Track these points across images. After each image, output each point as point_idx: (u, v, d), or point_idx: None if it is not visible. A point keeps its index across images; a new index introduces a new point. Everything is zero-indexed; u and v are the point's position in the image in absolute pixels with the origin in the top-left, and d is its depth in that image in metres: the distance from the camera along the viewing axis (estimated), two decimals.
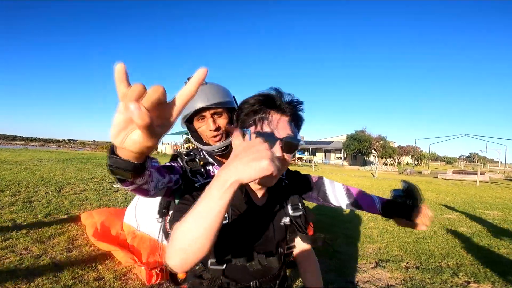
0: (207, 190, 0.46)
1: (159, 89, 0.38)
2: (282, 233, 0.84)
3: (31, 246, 2.94)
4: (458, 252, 3.45)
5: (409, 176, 20.33)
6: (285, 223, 0.84)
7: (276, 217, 0.83)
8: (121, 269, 2.60)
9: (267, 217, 0.81)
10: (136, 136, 0.41)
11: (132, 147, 0.42)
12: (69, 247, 3.00)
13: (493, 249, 3.59)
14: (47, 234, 3.30)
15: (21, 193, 5.34)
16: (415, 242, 3.82)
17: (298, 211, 0.86)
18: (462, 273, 2.78)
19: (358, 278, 2.69)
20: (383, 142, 35.91)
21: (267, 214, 0.81)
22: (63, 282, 2.28)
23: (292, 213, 0.85)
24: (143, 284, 2.37)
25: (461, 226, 4.83)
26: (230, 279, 0.79)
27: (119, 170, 0.50)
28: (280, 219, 0.84)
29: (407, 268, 2.96)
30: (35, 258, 2.66)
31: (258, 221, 0.80)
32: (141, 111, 0.36)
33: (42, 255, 2.76)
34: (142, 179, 0.60)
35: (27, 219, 3.81)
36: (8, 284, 2.17)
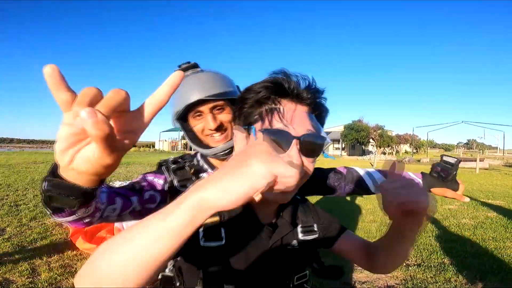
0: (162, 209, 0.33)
1: (120, 92, 0.31)
2: (291, 260, 0.66)
3: (11, 251, 2.82)
4: (461, 246, 3.32)
5: (408, 164, 20.27)
6: (294, 247, 0.66)
7: (285, 240, 0.65)
8: None
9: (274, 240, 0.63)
10: (89, 152, 0.32)
11: (83, 167, 0.33)
12: (50, 251, 2.88)
13: (499, 242, 3.45)
14: (29, 239, 3.18)
15: (9, 196, 5.21)
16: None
17: (310, 234, 0.69)
18: (467, 271, 2.64)
19: (355, 278, 2.55)
20: (381, 131, 35.87)
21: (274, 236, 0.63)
22: None
23: (302, 237, 0.67)
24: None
25: (463, 217, 4.71)
26: None
27: (61, 197, 0.39)
28: (289, 242, 0.66)
29: (408, 266, 2.81)
30: (13, 263, 2.55)
31: (262, 244, 0.62)
32: (98, 119, 0.27)
33: (21, 260, 2.64)
34: (87, 210, 0.47)
35: (11, 223, 3.67)
36: None
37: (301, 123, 0.52)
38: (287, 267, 0.66)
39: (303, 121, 0.53)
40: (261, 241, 0.62)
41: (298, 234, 0.67)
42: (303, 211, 0.71)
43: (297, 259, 0.67)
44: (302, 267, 0.70)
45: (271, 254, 0.62)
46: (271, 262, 0.63)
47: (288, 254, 0.65)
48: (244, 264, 0.61)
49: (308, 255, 0.70)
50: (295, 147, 0.51)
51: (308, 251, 0.69)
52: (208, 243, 0.58)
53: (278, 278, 0.66)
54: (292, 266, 0.67)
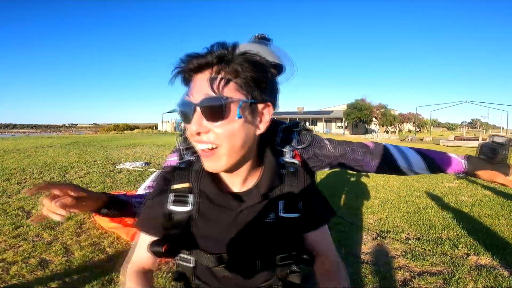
0: None
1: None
2: (268, 233, 0.64)
3: (42, 232, 3.02)
4: (458, 222, 3.52)
5: (410, 143, 20.35)
6: (271, 221, 0.63)
7: (258, 212, 0.63)
8: (129, 249, 2.68)
9: (243, 210, 0.63)
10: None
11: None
12: (78, 231, 3.08)
13: (494, 219, 3.63)
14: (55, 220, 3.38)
15: (27, 180, 5.42)
16: (416, 213, 3.90)
17: (292, 212, 0.65)
18: (462, 245, 2.84)
19: (359, 249, 2.78)
20: (383, 110, 35.62)
21: (244, 206, 0.63)
22: (76, 266, 2.37)
23: (283, 213, 0.64)
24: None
25: (462, 195, 4.89)
26: (201, 281, 0.67)
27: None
28: (264, 215, 0.64)
29: (408, 239, 3.04)
30: (47, 244, 2.75)
31: (229, 213, 0.63)
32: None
33: (53, 240, 2.85)
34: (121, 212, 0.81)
35: (35, 206, 3.89)
36: (24, 272, 2.26)
37: (199, 90, 0.54)
38: (264, 241, 0.64)
39: (201, 88, 0.54)
40: (225, 210, 0.62)
41: (279, 210, 0.64)
42: (292, 184, 0.66)
43: (276, 236, 0.64)
44: (285, 247, 0.66)
45: (240, 224, 0.62)
46: (241, 232, 0.63)
47: (264, 228, 0.63)
48: (212, 230, 0.63)
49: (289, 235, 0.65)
50: (197, 112, 0.54)
51: (289, 230, 0.64)
52: (175, 207, 0.63)
53: (255, 252, 0.64)
54: (270, 243, 0.64)
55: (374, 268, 2.45)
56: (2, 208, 3.75)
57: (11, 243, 2.77)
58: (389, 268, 2.46)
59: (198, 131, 0.54)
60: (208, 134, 0.55)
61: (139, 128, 35.17)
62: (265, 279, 0.67)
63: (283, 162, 0.71)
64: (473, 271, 2.38)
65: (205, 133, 0.55)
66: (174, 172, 0.67)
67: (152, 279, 0.73)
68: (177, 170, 0.67)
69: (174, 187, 0.65)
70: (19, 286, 2.10)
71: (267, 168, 0.65)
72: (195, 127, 0.54)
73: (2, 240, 2.82)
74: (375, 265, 2.50)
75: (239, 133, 0.55)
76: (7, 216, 3.48)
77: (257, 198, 0.63)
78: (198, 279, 0.67)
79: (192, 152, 0.72)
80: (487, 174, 0.82)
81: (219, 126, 0.54)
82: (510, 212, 3.90)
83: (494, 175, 0.81)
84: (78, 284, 2.13)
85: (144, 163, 7.54)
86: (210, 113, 0.53)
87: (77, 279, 2.20)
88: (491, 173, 0.81)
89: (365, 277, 2.31)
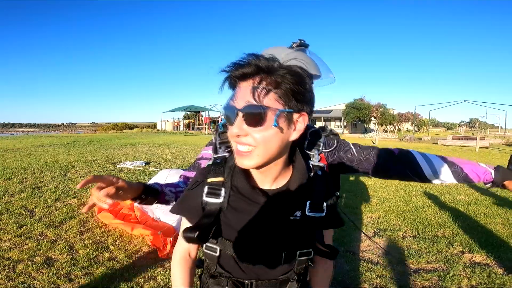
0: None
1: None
2: (291, 229, 0.69)
3: (46, 231, 3.08)
4: (454, 221, 3.59)
5: (409, 142, 20.44)
6: (297, 219, 0.69)
7: (286, 210, 0.69)
8: (132, 248, 2.75)
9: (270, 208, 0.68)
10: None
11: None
12: (81, 230, 3.14)
13: (489, 218, 3.70)
14: (59, 218, 3.44)
15: (28, 179, 5.46)
16: (413, 211, 3.97)
17: (317, 212, 0.69)
18: (457, 243, 2.91)
19: (357, 246, 2.84)
20: (382, 109, 35.66)
21: (271, 204, 0.68)
22: (81, 264, 2.42)
23: (309, 213, 0.69)
24: (154, 261, 2.52)
25: (459, 194, 4.97)
26: (224, 269, 0.74)
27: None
28: (291, 213, 0.69)
29: (404, 237, 3.11)
30: (51, 243, 2.81)
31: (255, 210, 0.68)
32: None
33: (58, 239, 2.90)
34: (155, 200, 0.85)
35: (38, 205, 3.94)
36: (30, 270, 2.31)
37: (242, 97, 0.59)
38: (287, 237, 0.70)
39: (244, 95, 0.59)
40: (254, 205, 0.67)
41: (306, 209, 0.69)
42: (319, 185, 0.71)
43: (300, 232, 0.70)
44: (306, 243, 0.72)
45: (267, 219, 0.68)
46: (268, 227, 0.68)
47: (289, 225, 0.69)
48: (239, 223, 0.68)
49: (312, 232, 0.71)
50: (239, 117, 0.60)
51: (313, 228, 0.70)
52: (208, 198, 0.69)
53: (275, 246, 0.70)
54: (294, 238, 0.70)
55: (371, 265, 2.51)
56: (5, 207, 3.80)
57: (16, 241, 2.82)
58: (386, 264, 2.52)
59: (238, 134, 0.60)
60: (247, 137, 0.60)
61: (138, 127, 35.14)
62: (284, 272, 0.73)
63: (311, 165, 0.75)
64: (468, 268, 2.45)
65: (244, 136, 0.60)
66: (210, 167, 0.73)
67: (193, 266, 0.82)
68: (213, 165, 0.73)
69: (209, 180, 0.70)
70: (25, 283, 2.15)
71: (297, 170, 0.70)
72: (236, 130, 0.60)
73: (7, 239, 2.87)
74: None
75: (274, 139, 0.61)
76: (11, 215, 3.53)
77: (286, 196, 0.68)
78: (221, 268, 0.73)
79: (225, 147, 0.79)
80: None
81: (257, 131, 0.59)
82: (506, 211, 3.96)
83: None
84: (83, 281, 2.19)
85: (144, 162, 7.58)
86: (250, 119, 0.59)
87: (82, 276, 2.25)
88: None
89: (363, 274, 2.37)
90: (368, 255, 2.70)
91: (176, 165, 7.51)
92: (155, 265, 2.45)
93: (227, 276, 0.74)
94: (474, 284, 2.23)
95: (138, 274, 2.32)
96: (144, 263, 2.50)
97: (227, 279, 0.74)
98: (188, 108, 33.66)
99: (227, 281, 0.74)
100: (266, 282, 0.73)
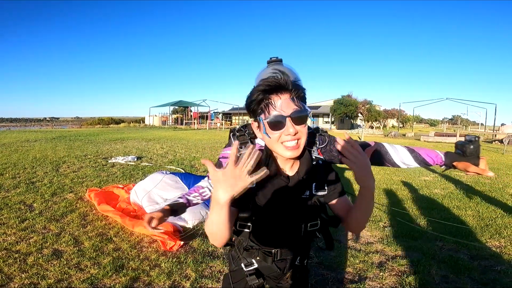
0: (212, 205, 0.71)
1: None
2: (304, 205, 0.90)
3: (49, 225, 3.20)
4: (429, 213, 3.93)
5: (393, 138, 21.13)
6: (307, 197, 0.91)
7: (299, 190, 0.90)
8: (134, 239, 2.93)
9: (290, 189, 0.88)
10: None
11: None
12: (83, 223, 3.29)
13: (461, 210, 4.05)
14: (59, 212, 3.56)
15: (21, 175, 5.48)
16: (393, 204, 4.30)
17: (321, 190, 0.93)
18: (430, 232, 3.24)
19: (343, 236, 3.13)
20: (369, 106, 36.51)
21: (291, 186, 0.88)
22: (88, 255, 2.59)
23: (315, 192, 0.92)
24: (156, 250, 2.71)
25: (435, 188, 5.35)
26: (255, 243, 0.93)
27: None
28: (303, 192, 0.90)
29: (384, 227, 3.42)
30: (56, 236, 2.95)
31: (280, 191, 0.88)
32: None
33: (62, 232, 3.05)
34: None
35: (36, 199, 4.03)
36: (41, 262, 2.46)
37: (287, 106, 0.80)
38: (301, 211, 0.91)
39: (288, 104, 0.81)
40: (280, 187, 0.88)
41: (312, 189, 0.91)
42: (320, 172, 0.94)
43: (309, 208, 0.91)
44: (314, 216, 0.94)
45: (287, 198, 0.89)
46: (287, 204, 0.89)
47: (302, 202, 0.90)
48: (265, 201, 0.88)
49: (318, 206, 0.92)
50: (290, 123, 0.80)
51: (319, 203, 0.92)
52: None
53: (294, 219, 0.90)
54: (305, 212, 0.92)
55: (355, 252, 2.79)
56: (3, 202, 3.87)
57: (21, 235, 2.94)
58: (368, 251, 2.81)
59: (295, 132, 0.81)
60: (297, 133, 0.82)
61: (125, 122, 34.60)
62: (301, 241, 0.95)
63: (314, 157, 0.98)
64: (438, 255, 2.76)
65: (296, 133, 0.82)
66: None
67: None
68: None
69: None
70: (39, 274, 2.30)
71: (305, 159, 0.92)
72: (292, 130, 0.80)
73: (12, 233, 2.98)
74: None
75: (307, 132, 0.86)
76: (11, 210, 3.62)
77: (299, 180, 0.90)
78: (252, 241, 0.93)
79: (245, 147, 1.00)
80: (461, 165, 1.02)
81: (303, 127, 0.83)
82: (477, 205, 4.32)
83: (466, 165, 1.00)
84: (93, 270, 2.36)
85: (136, 157, 7.66)
86: (299, 120, 0.82)
87: (91, 266, 2.42)
88: (465, 164, 1.00)
89: (347, 260, 2.65)
90: (352, 243, 2.99)
91: (168, 159, 7.62)
92: (159, 254, 2.65)
93: (257, 248, 0.94)
94: (443, 270, 2.54)
95: (143, 262, 2.51)
96: (147, 252, 2.69)
97: (258, 250, 0.94)
98: (177, 103, 33.37)
99: (257, 252, 0.94)
100: (288, 250, 0.94)
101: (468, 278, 2.39)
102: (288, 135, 0.81)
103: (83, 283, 2.19)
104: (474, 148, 1.00)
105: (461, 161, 1.02)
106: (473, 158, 1.00)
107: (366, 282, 2.33)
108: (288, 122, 0.80)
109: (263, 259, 0.95)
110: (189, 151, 9.36)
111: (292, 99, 0.81)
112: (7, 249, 2.65)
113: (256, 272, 0.96)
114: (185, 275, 2.35)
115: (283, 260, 0.96)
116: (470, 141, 1.01)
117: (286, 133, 0.81)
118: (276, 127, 0.81)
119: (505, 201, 4.56)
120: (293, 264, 0.98)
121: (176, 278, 2.30)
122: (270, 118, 0.81)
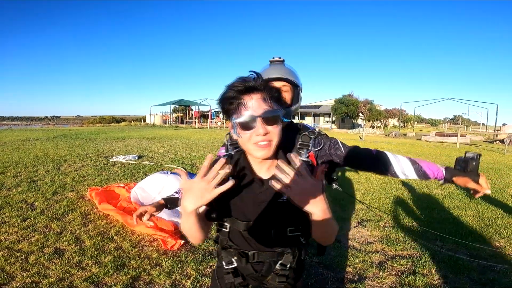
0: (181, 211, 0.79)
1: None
2: (281, 210, 0.86)
3: (50, 223, 3.22)
4: (429, 213, 3.94)
5: (394, 138, 21.12)
6: (283, 201, 0.85)
7: (275, 194, 0.85)
8: (135, 238, 2.95)
9: (264, 192, 0.86)
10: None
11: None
12: (84, 221, 3.30)
13: (461, 210, 4.05)
14: (60, 211, 3.57)
15: (22, 173, 5.49)
16: (393, 203, 4.31)
17: None
18: (430, 233, 3.25)
19: (343, 235, 3.14)
20: (370, 105, 36.50)
21: (264, 190, 0.85)
22: (89, 254, 2.60)
23: None
24: (157, 249, 2.73)
25: (436, 188, 5.34)
26: (233, 243, 0.93)
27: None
28: (279, 196, 0.85)
29: (384, 227, 3.43)
30: (58, 234, 2.96)
31: (253, 194, 0.86)
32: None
33: (63, 231, 3.06)
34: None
35: (37, 198, 4.04)
36: (42, 260, 2.48)
37: (259, 106, 0.79)
38: (278, 216, 0.87)
39: (260, 104, 0.80)
40: (253, 190, 0.86)
41: None
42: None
43: (288, 212, 0.86)
44: (294, 222, 0.89)
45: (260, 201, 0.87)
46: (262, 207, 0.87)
47: (278, 206, 0.86)
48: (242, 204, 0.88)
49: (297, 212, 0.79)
50: (260, 122, 0.78)
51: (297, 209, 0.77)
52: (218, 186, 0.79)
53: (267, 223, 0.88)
54: (283, 217, 0.88)
55: (355, 252, 2.80)
56: (5, 201, 3.89)
57: (22, 234, 2.96)
58: (368, 251, 2.82)
59: (265, 133, 0.80)
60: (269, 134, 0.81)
61: (126, 121, 34.64)
62: (280, 245, 0.92)
63: None
64: (438, 255, 2.77)
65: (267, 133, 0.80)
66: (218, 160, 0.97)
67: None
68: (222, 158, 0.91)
69: None
70: (41, 273, 2.32)
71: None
72: (262, 130, 0.79)
73: (13, 232, 3.00)
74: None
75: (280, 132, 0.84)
76: (12, 208, 3.64)
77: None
78: (231, 241, 0.93)
79: (234, 147, 1.03)
80: (461, 180, 1.05)
81: (274, 128, 0.82)
82: (477, 205, 4.32)
83: (466, 181, 1.03)
84: (94, 269, 2.38)
85: (137, 156, 7.67)
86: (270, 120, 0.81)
87: (92, 265, 2.44)
88: (464, 180, 1.04)
89: (347, 259, 2.66)
90: (352, 243, 3.00)
91: (169, 158, 7.64)
92: (159, 253, 2.66)
93: (235, 248, 0.94)
94: (443, 270, 2.55)
95: (144, 261, 2.52)
96: (148, 251, 2.71)
97: (235, 250, 0.94)
98: (178, 102, 33.42)
99: (235, 252, 0.94)
100: (265, 253, 0.92)
101: (467, 278, 2.40)
102: (259, 135, 0.80)
103: (84, 282, 2.20)
104: (476, 165, 1.02)
105: (461, 176, 1.04)
106: (473, 175, 1.02)
107: (366, 281, 2.34)
108: (259, 122, 0.79)
109: (239, 260, 0.95)
110: (190, 150, 9.38)
111: (264, 99, 0.81)
112: (8, 248, 2.66)
113: (234, 271, 0.96)
114: (185, 274, 2.36)
115: (260, 262, 0.94)
116: (472, 158, 1.03)
117: (256, 133, 0.80)
118: (247, 127, 0.80)
119: (506, 202, 4.56)
120: (272, 268, 0.95)
121: (176, 277, 2.31)
122: (241, 118, 0.80)
